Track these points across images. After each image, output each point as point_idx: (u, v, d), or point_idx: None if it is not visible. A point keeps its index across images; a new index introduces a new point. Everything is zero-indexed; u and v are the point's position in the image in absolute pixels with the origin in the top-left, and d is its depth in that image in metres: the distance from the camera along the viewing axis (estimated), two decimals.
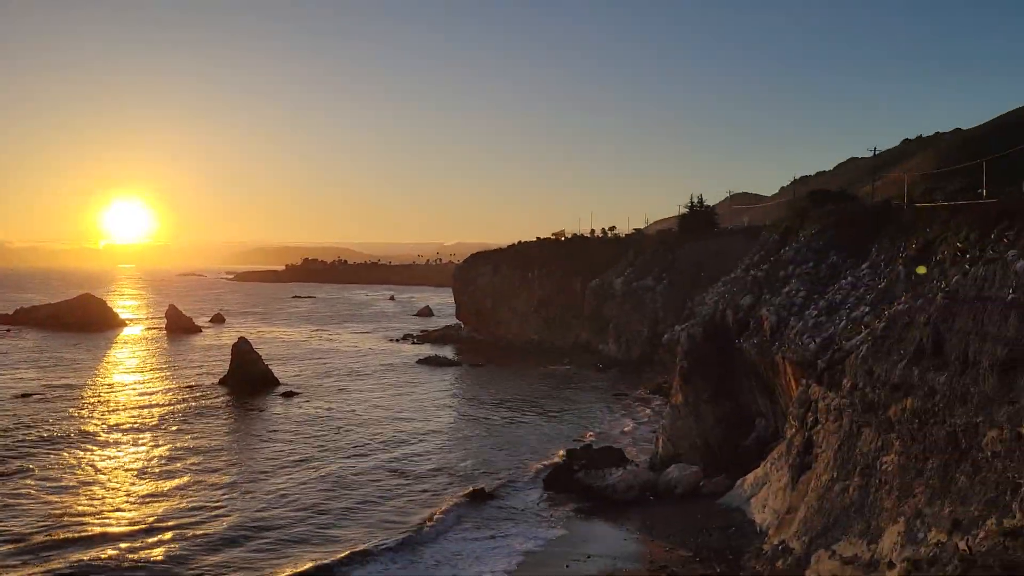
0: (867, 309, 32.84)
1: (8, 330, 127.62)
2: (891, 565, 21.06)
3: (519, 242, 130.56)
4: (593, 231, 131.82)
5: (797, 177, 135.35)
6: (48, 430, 53.78)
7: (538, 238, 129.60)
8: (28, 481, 41.60)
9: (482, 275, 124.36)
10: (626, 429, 58.64)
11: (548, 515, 38.87)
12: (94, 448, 49.92)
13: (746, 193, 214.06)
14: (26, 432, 52.85)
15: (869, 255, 38.17)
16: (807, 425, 31.85)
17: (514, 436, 56.09)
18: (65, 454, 47.86)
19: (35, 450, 48.35)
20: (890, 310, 28.94)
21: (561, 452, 49.75)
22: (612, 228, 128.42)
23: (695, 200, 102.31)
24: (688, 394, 45.10)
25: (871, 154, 76.76)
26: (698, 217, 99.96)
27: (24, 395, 67.27)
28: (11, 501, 38.14)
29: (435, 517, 37.37)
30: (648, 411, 65.33)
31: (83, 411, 61.63)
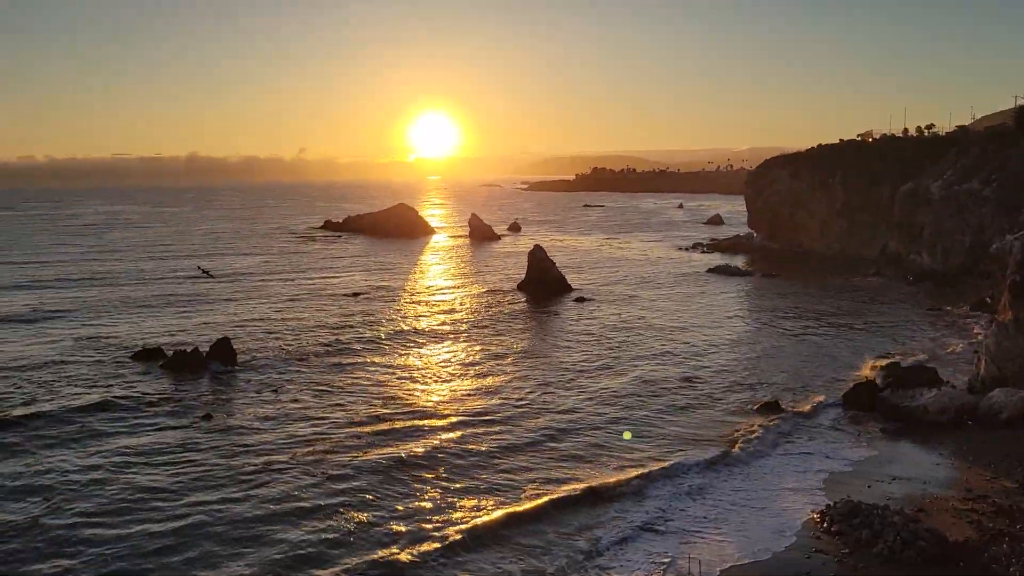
0: None
1: (339, 236, 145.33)
2: None
3: (819, 145, 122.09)
4: (906, 130, 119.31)
5: None
6: (377, 326, 60.76)
7: (841, 140, 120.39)
8: (363, 372, 47.46)
9: (778, 180, 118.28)
10: (942, 349, 53.73)
11: (849, 433, 37.19)
12: (416, 342, 55.63)
13: None
14: (362, 328, 60.15)
15: None
16: None
17: (811, 350, 53.78)
18: (392, 348, 53.85)
19: (369, 343, 54.95)
20: None
21: (866, 369, 47.02)
22: (929, 126, 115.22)
23: None
24: (1020, 311, 40.11)
25: None
26: None
27: (355, 294, 76.40)
28: (357, 385, 43.92)
29: (737, 433, 36.68)
30: (969, 329, 59.27)
31: (403, 309, 68.75)
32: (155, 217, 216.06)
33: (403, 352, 52.57)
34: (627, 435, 36.20)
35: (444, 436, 35.65)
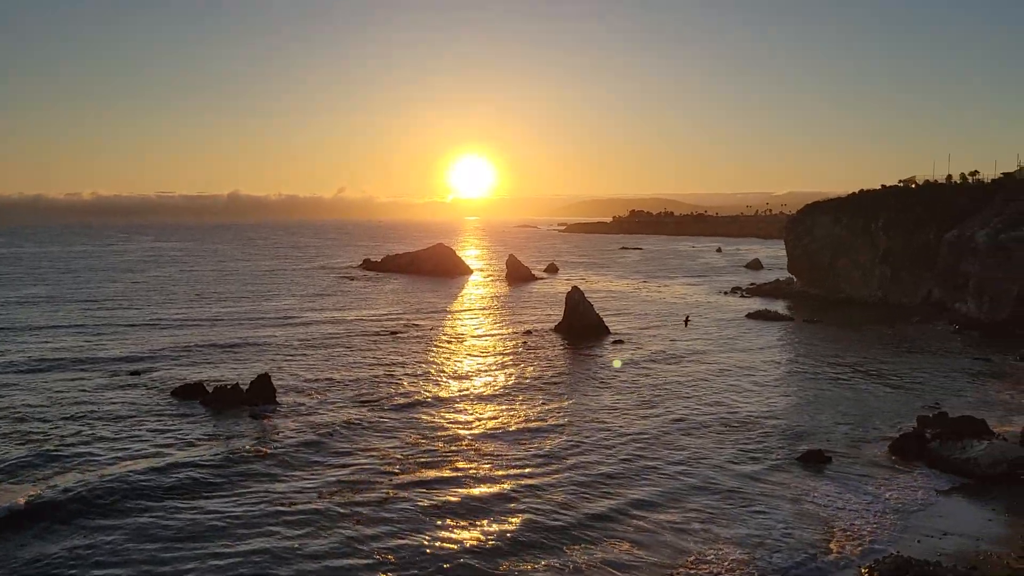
0: None
1: (378, 275, 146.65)
2: None
3: (861, 190, 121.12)
4: (950, 176, 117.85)
5: None
6: (414, 366, 60.91)
7: (883, 186, 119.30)
8: (400, 413, 47.45)
9: (819, 226, 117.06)
10: (992, 400, 52.28)
11: (896, 485, 36.14)
12: (453, 384, 55.38)
13: None
14: (399, 368, 60.37)
15: None
16: None
17: (855, 399, 52.60)
18: (429, 389, 53.70)
19: (406, 384, 54.99)
20: None
21: (913, 419, 45.84)
22: (974, 173, 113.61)
23: None
24: None
25: None
26: None
27: (394, 333, 76.69)
28: (394, 428, 43.93)
29: (780, 483, 36.00)
30: (1017, 380, 57.71)
31: (441, 350, 68.78)
32: (198, 254, 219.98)
33: (439, 394, 52.33)
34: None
35: (479, 490, 34.19)
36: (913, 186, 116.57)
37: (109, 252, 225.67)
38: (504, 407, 48.90)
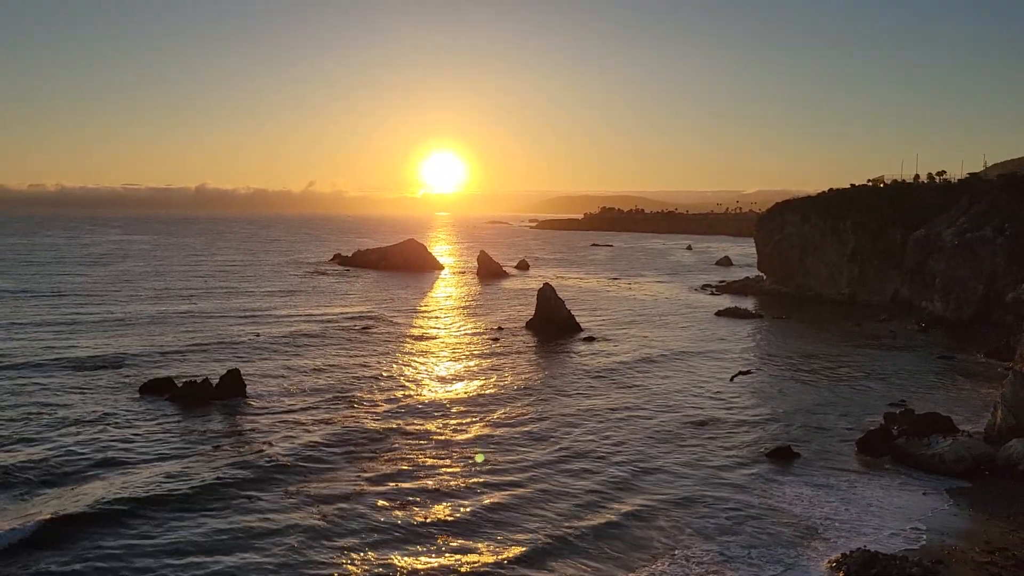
0: None
1: (348, 270, 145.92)
2: None
3: (830, 189, 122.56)
4: (917, 176, 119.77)
5: None
6: (384, 362, 60.69)
7: (852, 185, 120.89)
8: (369, 409, 47.22)
9: (789, 224, 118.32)
10: (956, 397, 53.16)
11: (863, 481, 36.63)
12: (424, 380, 55.41)
13: None
14: (370, 363, 60.07)
15: None
16: None
17: (823, 396, 53.26)
18: (399, 385, 53.55)
19: (376, 379, 54.78)
20: None
21: (879, 415, 46.48)
22: (941, 173, 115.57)
23: None
24: None
25: None
26: None
27: (365, 328, 76.28)
28: (363, 423, 43.66)
29: (749, 480, 36.32)
30: (983, 377, 58.73)
31: (411, 346, 68.59)
32: (166, 247, 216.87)
33: (410, 391, 52.16)
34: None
35: (446, 487, 34.28)
36: (881, 185, 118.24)
37: (75, 245, 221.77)
38: (480, 411, 47.89)
